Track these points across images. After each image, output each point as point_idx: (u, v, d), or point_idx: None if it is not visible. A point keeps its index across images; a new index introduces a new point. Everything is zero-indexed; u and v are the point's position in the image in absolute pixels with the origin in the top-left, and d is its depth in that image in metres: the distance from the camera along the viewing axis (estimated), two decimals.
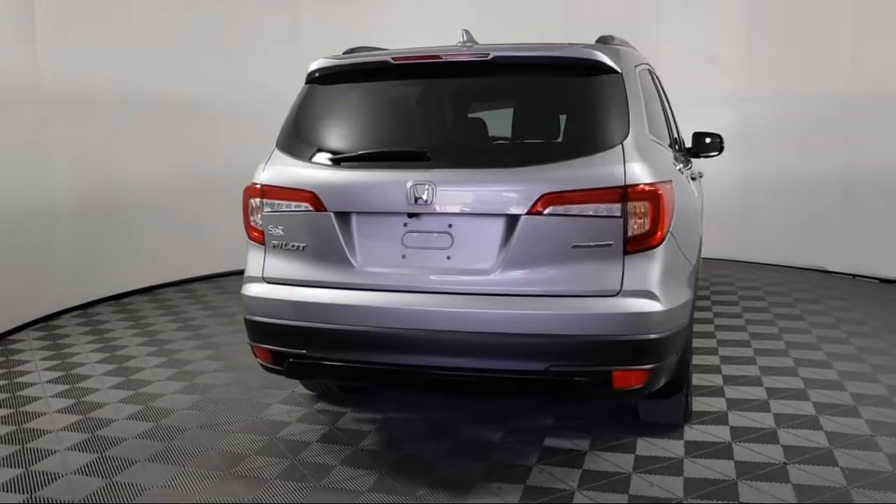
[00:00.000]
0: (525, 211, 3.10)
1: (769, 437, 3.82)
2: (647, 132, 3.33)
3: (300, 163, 3.44)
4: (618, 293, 3.08)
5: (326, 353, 3.36)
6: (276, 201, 3.45)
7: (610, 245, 3.08)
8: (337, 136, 3.60)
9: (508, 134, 3.43)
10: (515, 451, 3.74)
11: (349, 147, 3.50)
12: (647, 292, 3.09)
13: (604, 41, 3.58)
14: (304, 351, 3.38)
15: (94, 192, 7.05)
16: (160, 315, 6.64)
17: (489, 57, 3.31)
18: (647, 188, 3.07)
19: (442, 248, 3.23)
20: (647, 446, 3.75)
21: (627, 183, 3.06)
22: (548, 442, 3.84)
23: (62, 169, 6.69)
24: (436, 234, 3.23)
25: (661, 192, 3.10)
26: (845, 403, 4.23)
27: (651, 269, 3.11)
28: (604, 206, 3.06)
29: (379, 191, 3.27)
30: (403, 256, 3.28)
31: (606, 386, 3.12)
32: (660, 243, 3.12)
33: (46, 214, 6.52)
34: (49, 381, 4.88)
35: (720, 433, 3.88)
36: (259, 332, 3.52)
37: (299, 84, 3.71)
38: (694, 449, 3.70)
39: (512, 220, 3.13)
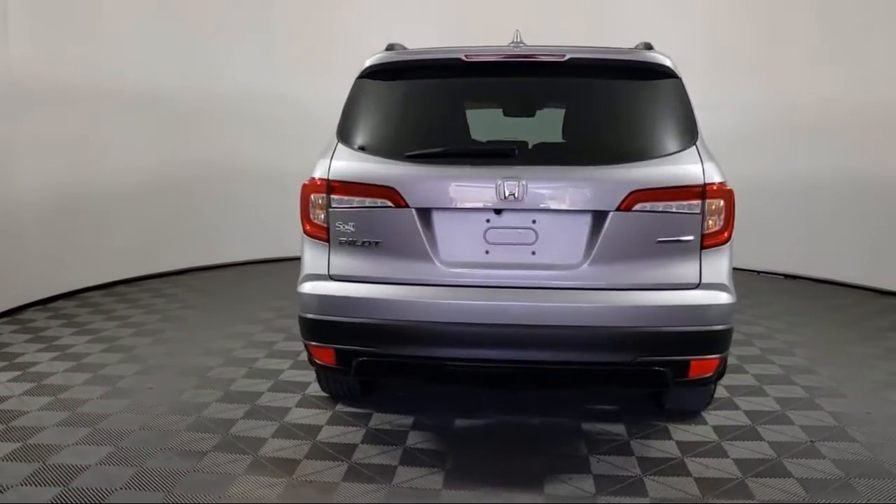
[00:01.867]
0: (614, 207, 3.21)
1: (780, 418, 4.14)
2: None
3: (375, 158, 3.38)
4: (697, 286, 3.26)
5: (404, 350, 3.32)
6: (348, 197, 3.36)
7: (690, 240, 3.25)
8: (412, 131, 3.56)
9: (583, 133, 3.53)
10: (562, 442, 3.84)
11: (427, 143, 3.47)
12: (721, 285, 3.29)
13: (650, 47, 3.75)
14: (378, 349, 3.32)
15: (61, 187, 6.87)
16: (132, 311, 6.20)
17: (565, 58, 3.39)
18: (721, 187, 3.27)
19: (527, 244, 3.28)
20: (681, 432, 3.96)
21: (706, 181, 3.25)
22: (586, 431, 3.96)
23: (29, 164, 6.51)
24: (520, 230, 3.28)
25: (731, 190, 3.31)
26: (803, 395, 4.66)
27: (722, 263, 3.31)
28: (686, 203, 3.23)
29: (467, 187, 3.27)
30: (487, 252, 3.30)
31: (684, 375, 3.29)
32: (729, 239, 3.33)
33: (7, 211, 6.27)
34: None
35: (738, 417, 4.16)
36: (322, 332, 3.42)
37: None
38: (725, 433, 3.95)
39: (600, 216, 3.23)
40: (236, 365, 4.97)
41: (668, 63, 3.46)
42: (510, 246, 3.29)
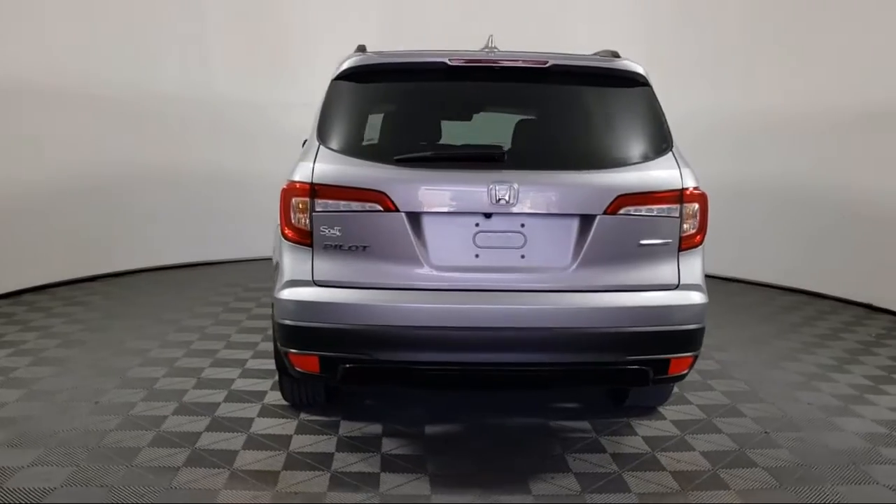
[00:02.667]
0: (601, 211, 3.29)
1: (732, 411, 4.36)
2: None
3: (362, 161, 3.33)
4: (676, 287, 3.39)
5: (394, 355, 3.29)
6: (334, 201, 3.30)
7: (669, 243, 3.38)
8: (399, 135, 3.53)
9: (567, 138, 3.59)
10: (536, 442, 3.90)
11: (415, 147, 3.44)
12: (697, 286, 3.43)
13: (616, 55, 3.86)
14: (366, 355, 3.27)
15: None
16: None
17: (547, 64, 3.45)
18: (696, 191, 3.42)
19: (516, 248, 3.32)
20: (645, 428, 4.10)
21: (684, 186, 3.38)
22: (556, 429, 4.04)
23: None
24: (509, 234, 3.31)
25: (706, 195, 3.46)
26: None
27: (697, 264, 3.46)
28: (665, 207, 3.36)
29: (458, 191, 3.27)
30: (477, 256, 3.31)
31: (664, 372, 3.41)
32: (702, 241, 3.48)
33: None
34: None
35: (693, 411, 4.35)
36: (305, 339, 3.34)
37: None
38: (685, 427, 4.12)
39: (587, 220, 3.31)
40: (183, 375, 4.77)
41: (641, 71, 3.58)
42: (499, 249, 3.31)
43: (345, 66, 3.53)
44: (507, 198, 3.23)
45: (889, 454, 3.81)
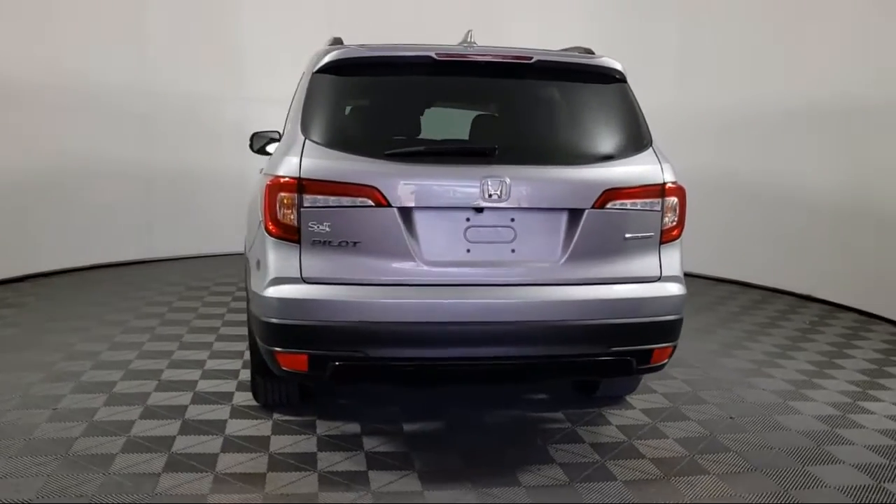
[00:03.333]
0: (590, 205, 3.35)
1: (695, 399, 4.51)
2: None
3: (351, 156, 3.27)
4: (658, 279, 3.48)
5: (387, 352, 3.26)
6: (323, 196, 3.24)
7: (651, 236, 3.47)
8: (388, 129, 3.48)
9: (552, 134, 3.62)
10: (515, 434, 3.94)
11: (404, 142, 3.40)
12: (677, 277, 3.53)
13: (590, 52, 3.93)
14: (358, 353, 3.23)
15: None
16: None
17: (532, 60, 3.48)
18: (676, 186, 3.51)
19: (506, 242, 3.33)
20: (617, 417, 4.20)
21: (665, 180, 3.47)
22: (532, 421, 4.09)
23: None
24: (499, 229, 3.33)
25: (684, 189, 3.56)
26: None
27: (676, 257, 3.56)
28: (649, 201, 3.44)
29: (450, 186, 3.26)
30: (468, 251, 3.31)
31: (647, 362, 3.50)
32: (680, 234, 3.58)
33: None
34: None
35: (659, 400, 4.47)
36: (294, 337, 3.28)
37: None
38: (654, 415, 4.23)
39: (576, 214, 3.35)
40: (141, 378, 4.59)
41: (620, 68, 3.65)
42: (490, 244, 3.33)
43: (327, 58, 3.47)
44: (499, 192, 3.24)
45: (847, 435, 4.01)
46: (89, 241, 8.02)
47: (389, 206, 3.23)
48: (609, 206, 3.37)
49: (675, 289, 3.51)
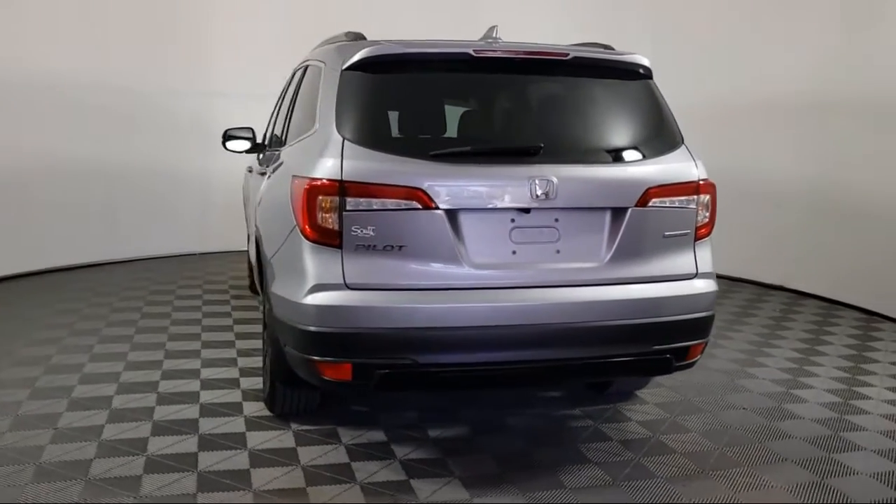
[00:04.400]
0: (633, 204, 3.33)
1: (701, 390, 4.57)
2: None
3: (395, 157, 3.16)
4: (695, 276, 3.50)
5: (436, 357, 3.18)
6: (367, 199, 3.11)
7: (687, 233, 3.48)
8: (432, 129, 3.39)
9: (592, 132, 3.57)
10: (543, 435, 3.91)
11: (450, 141, 3.32)
12: (711, 274, 3.57)
13: (609, 48, 3.91)
14: (407, 360, 3.14)
15: None
16: None
17: (568, 57, 3.44)
18: (708, 183, 3.54)
19: (550, 242, 3.29)
20: (634, 413, 4.22)
21: (700, 178, 3.49)
22: (555, 421, 4.07)
23: None
24: (544, 229, 3.28)
25: (715, 186, 3.59)
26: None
27: (708, 254, 3.60)
28: (685, 198, 3.46)
29: (498, 187, 3.19)
30: (514, 252, 3.25)
31: (684, 358, 3.52)
32: (711, 232, 3.61)
33: None
34: None
35: (668, 394, 4.52)
36: (338, 346, 3.15)
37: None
38: (671, 409, 4.28)
39: (619, 213, 3.34)
40: (139, 391, 4.34)
41: (649, 65, 3.64)
42: (535, 245, 3.27)
43: (360, 55, 3.33)
44: (546, 192, 3.19)
45: (857, 421, 4.15)
46: (45, 242, 7.57)
47: (437, 208, 3.13)
48: (651, 204, 3.36)
49: (709, 285, 3.54)
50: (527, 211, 3.22)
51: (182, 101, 8.47)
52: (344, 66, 3.38)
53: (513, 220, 3.24)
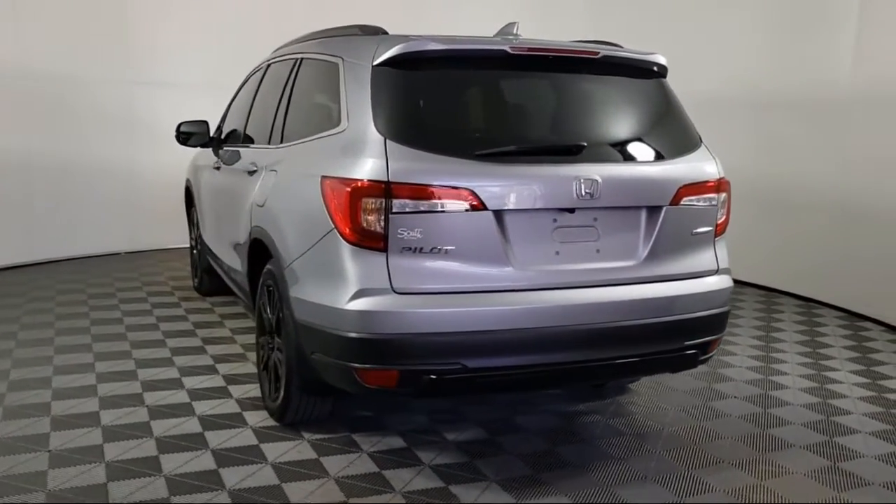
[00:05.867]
0: (667, 202, 3.38)
1: (685, 382, 4.71)
2: None
3: (441, 157, 3.07)
4: (716, 272, 3.59)
5: (485, 361, 3.12)
6: (414, 200, 3.01)
7: (709, 231, 3.57)
8: (468, 127, 3.33)
9: (626, 130, 3.57)
10: (558, 432, 3.91)
11: (494, 140, 3.24)
12: (728, 269, 3.68)
13: (618, 46, 3.94)
14: (456, 364, 3.07)
15: None
16: None
17: (599, 55, 3.44)
18: (726, 181, 3.64)
19: (590, 241, 3.29)
20: (635, 406, 4.31)
21: (721, 176, 3.59)
22: (565, 417, 4.09)
23: None
24: (584, 228, 3.28)
25: (730, 184, 3.69)
26: None
27: (724, 250, 3.70)
28: (710, 196, 3.55)
29: (545, 186, 3.16)
30: (557, 253, 3.24)
31: (706, 353, 3.61)
32: (725, 228, 3.72)
33: None
34: None
35: (656, 386, 4.63)
36: (384, 352, 3.05)
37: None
38: (667, 401, 4.38)
39: (654, 211, 3.38)
40: (125, 405, 4.05)
41: (665, 63, 3.69)
42: (576, 244, 3.27)
43: (393, 51, 3.21)
44: (590, 192, 3.19)
45: (841, 404, 4.38)
46: None
47: (485, 209, 3.07)
48: (682, 202, 3.42)
49: (728, 281, 3.65)
50: (571, 211, 3.21)
51: (109, 90, 7.95)
52: (375, 62, 3.25)
53: (555, 220, 3.22)
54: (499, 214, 3.11)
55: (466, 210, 3.05)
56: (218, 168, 5.26)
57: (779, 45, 7.10)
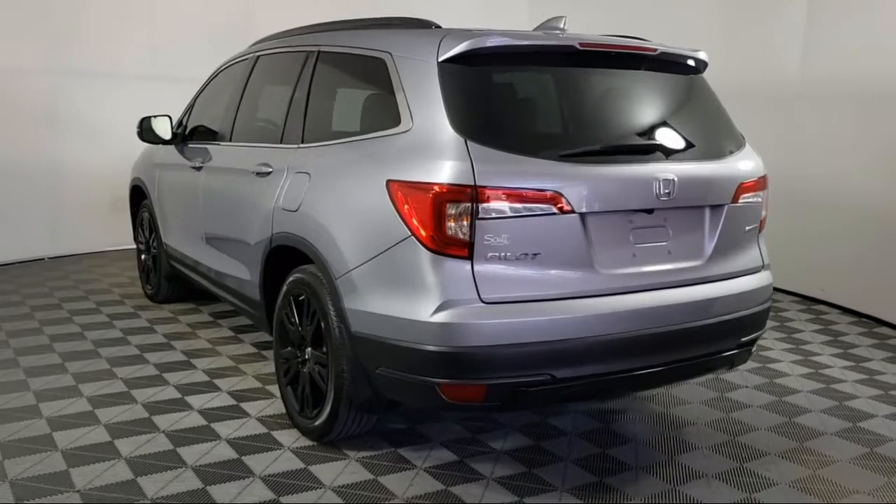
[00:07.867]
0: (729, 200, 3.38)
1: None
2: None
3: (526, 158, 2.93)
4: (762, 267, 3.64)
5: (573, 370, 3.02)
6: (501, 205, 2.87)
7: (755, 227, 3.61)
8: (546, 126, 3.17)
9: (687, 128, 3.49)
10: (596, 434, 3.86)
11: (576, 140, 3.12)
12: (769, 265, 3.73)
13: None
14: (546, 375, 2.96)
15: None
16: None
17: (657, 52, 3.39)
18: (767, 178, 3.68)
19: (662, 242, 3.25)
20: (635, 411, 4.25)
21: (764, 174, 3.63)
22: (595, 420, 4.05)
23: None
24: (656, 229, 3.24)
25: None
26: None
27: (765, 246, 3.74)
28: (759, 192, 3.59)
29: (628, 187, 3.08)
30: (634, 255, 3.17)
31: (750, 349, 3.64)
32: (764, 225, 3.77)
33: None
34: None
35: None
36: (472, 366, 2.90)
37: None
38: (661, 403, 4.41)
39: (717, 210, 3.37)
40: (136, 432, 3.69)
41: (707, 59, 3.69)
42: (650, 246, 3.21)
43: (462, 46, 3.03)
44: (668, 191, 3.14)
45: (849, 403, 4.55)
46: None
47: (573, 212, 2.96)
48: (741, 199, 3.43)
49: (771, 277, 3.70)
50: (650, 211, 3.15)
51: (24, 80, 7.26)
52: (441, 58, 3.06)
53: (630, 221, 3.16)
54: (584, 217, 3.01)
55: (554, 213, 2.93)
56: (198, 168, 4.86)
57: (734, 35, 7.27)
